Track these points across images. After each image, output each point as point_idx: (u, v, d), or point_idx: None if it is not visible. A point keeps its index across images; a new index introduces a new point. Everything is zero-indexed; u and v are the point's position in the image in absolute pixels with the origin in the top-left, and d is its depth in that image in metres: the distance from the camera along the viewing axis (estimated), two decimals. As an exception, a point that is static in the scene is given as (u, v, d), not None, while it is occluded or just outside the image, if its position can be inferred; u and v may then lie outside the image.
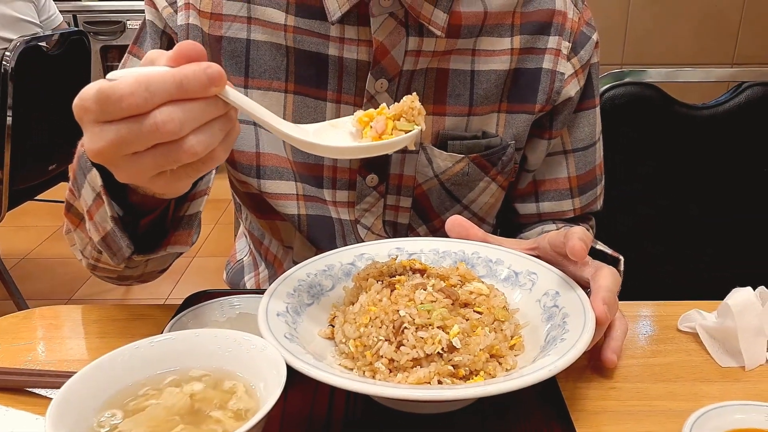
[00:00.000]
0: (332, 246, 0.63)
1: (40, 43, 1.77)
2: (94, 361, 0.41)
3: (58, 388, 0.38)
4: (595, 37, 0.71)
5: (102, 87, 0.37)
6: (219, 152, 0.40)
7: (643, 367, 0.52)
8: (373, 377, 0.43)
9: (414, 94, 0.48)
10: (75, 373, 0.39)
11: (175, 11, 0.64)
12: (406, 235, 0.70)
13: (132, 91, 0.36)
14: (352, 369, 0.45)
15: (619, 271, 0.60)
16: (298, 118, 0.65)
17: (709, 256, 1.04)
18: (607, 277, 0.49)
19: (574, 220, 0.77)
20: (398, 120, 0.47)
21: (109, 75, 0.38)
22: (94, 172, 0.47)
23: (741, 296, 0.53)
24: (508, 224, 0.79)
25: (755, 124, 1.06)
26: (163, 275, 0.65)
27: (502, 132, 0.69)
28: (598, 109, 0.74)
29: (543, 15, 0.68)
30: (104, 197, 0.47)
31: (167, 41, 0.65)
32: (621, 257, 0.61)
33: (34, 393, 0.49)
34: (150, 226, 0.52)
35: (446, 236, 0.58)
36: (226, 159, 0.46)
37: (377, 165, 0.67)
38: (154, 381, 0.42)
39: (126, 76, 0.37)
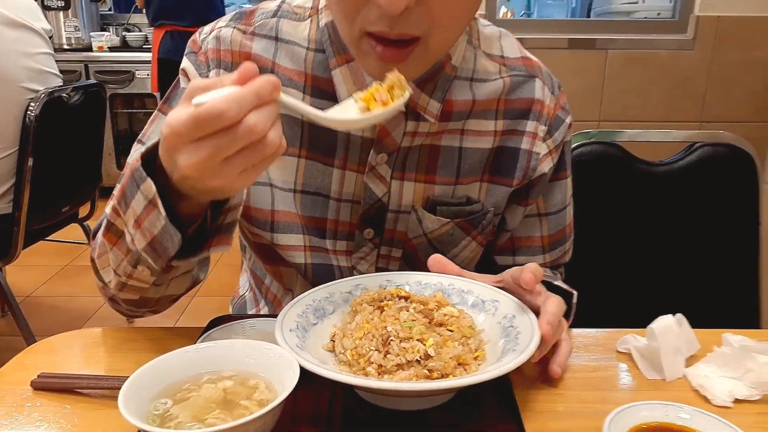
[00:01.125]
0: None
1: (62, 94, 1.92)
2: (150, 362, 0.53)
3: (109, 389, 0.50)
4: (568, 119, 0.81)
5: (197, 111, 0.46)
6: (283, 143, 0.51)
7: (585, 378, 0.64)
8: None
9: (395, 70, 0.57)
10: (123, 377, 0.51)
11: None
12: None
13: (228, 107, 0.46)
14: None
15: (573, 303, 0.72)
16: (308, 179, 0.75)
17: (655, 294, 1.17)
18: (553, 304, 0.61)
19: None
20: (392, 90, 0.57)
21: (194, 101, 0.47)
22: (149, 181, 0.54)
23: (663, 321, 0.65)
24: (486, 271, 0.91)
25: (704, 178, 1.20)
26: (164, 313, 0.74)
27: (483, 199, 0.79)
28: (569, 179, 0.85)
29: (524, 103, 0.77)
30: (158, 200, 0.54)
31: None
32: (574, 292, 0.73)
33: (85, 393, 0.60)
34: (192, 234, 0.60)
35: (428, 271, 0.70)
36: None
37: (374, 222, 0.77)
38: (194, 379, 0.54)
39: (215, 98, 0.46)
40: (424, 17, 0.59)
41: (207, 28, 0.77)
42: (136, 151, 0.72)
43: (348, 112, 0.56)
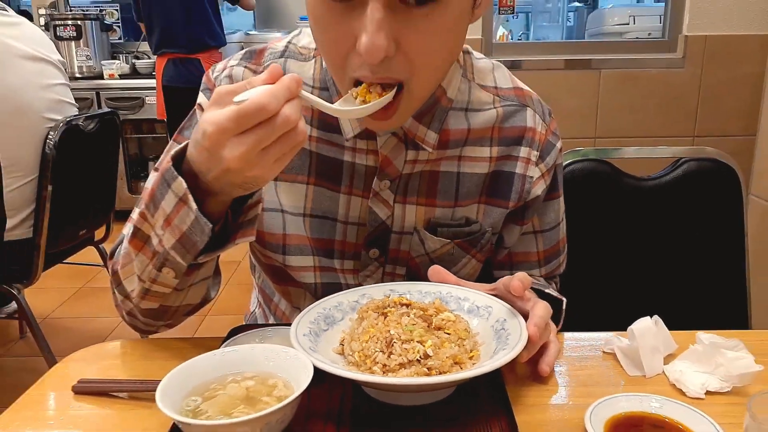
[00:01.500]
0: None
1: (79, 123, 2.01)
2: (180, 365, 0.60)
3: (143, 391, 0.57)
4: (558, 144, 0.86)
5: (241, 107, 0.53)
6: (306, 132, 0.57)
7: (572, 376, 0.71)
8: (372, 376, 0.61)
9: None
10: (155, 381, 0.58)
11: None
12: None
13: (269, 101, 0.53)
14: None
15: (562, 309, 0.79)
16: (316, 204, 0.81)
17: (647, 300, 1.23)
18: (540, 309, 0.68)
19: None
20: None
21: (235, 99, 0.54)
22: (180, 179, 0.59)
23: (642, 323, 0.72)
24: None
25: (690, 192, 1.27)
26: (180, 330, 0.80)
27: (482, 220, 0.84)
28: (561, 198, 0.91)
29: (516, 131, 0.82)
30: (189, 196, 0.60)
31: None
32: (563, 299, 0.80)
33: (121, 397, 0.67)
34: (218, 232, 0.65)
35: (429, 281, 0.77)
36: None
37: (379, 242, 0.83)
38: (220, 379, 0.61)
39: (255, 94, 0.53)
40: (403, 64, 0.63)
41: (220, 65, 0.83)
42: (152, 177, 0.77)
43: (349, 104, 0.64)
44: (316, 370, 0.58)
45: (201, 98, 0.83)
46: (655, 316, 0.73)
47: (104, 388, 0.68)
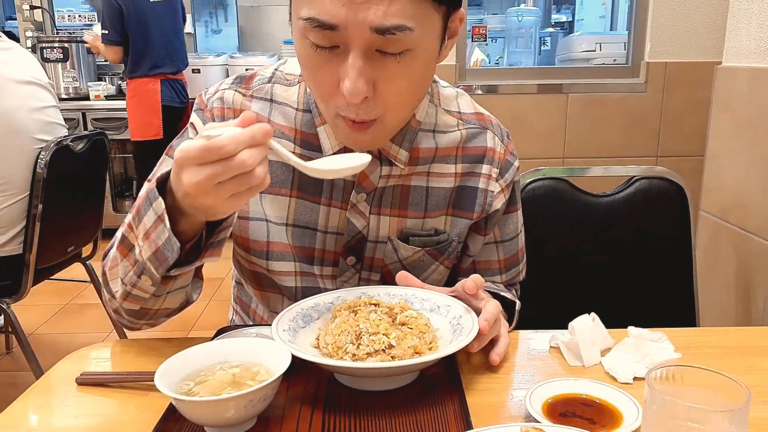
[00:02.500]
0: None
1: (69, 143, 2.08)
2: (175, 354, 0.68)
3: (140, 381, 0.65)
4: (516, 163, 0.95)
5: (206, 143, 0.60)
6: (267, 180, 0.64)
7: (520, 366, 0.80)
8: (343, 364, 0.70)
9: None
10: (150, 372, 0.66)
11: None
12: None
13: (227, 143, 0.60)
14: (330, 361, 0.72)
15: (516, 311, 0.90)
16: (298, 215, 0.88)
17: (604, 305, 1.33)
18: (491, 306, 0.78)
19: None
20: None
21: (204, 133, 0.61)
22: (160, 199, 0.68)
23: (581, 319, 0.82)
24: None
25: (642, 207, 1.38)
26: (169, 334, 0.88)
27: (449, 230, 0.92)
28: (520, 211, 1.00)
29: (478, 150, 0.92)
30: (165, 216, 0.68)
31: None
32: (516, 301, 0.90)
33: (120, 387, 0.75)
34: (189, 250, 0.73)
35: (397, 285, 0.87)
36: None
37: (356, 250, 0.90)
38: (210, 368, 0.69)
39: (222, 134, 0.60)
40: (380, 104, 0.73)
41: (212, 89, 0.92)
42: (145, 188, 0.86)
43: (324, 165, 0.71)
44: (295, 360, 0.67)
45: (193, 117, 0.91)
46: (593, 314, 0.83)
47: (105, 380, 0.76)
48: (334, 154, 0.87)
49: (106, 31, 3.45)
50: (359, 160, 0.70)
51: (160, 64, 3.48)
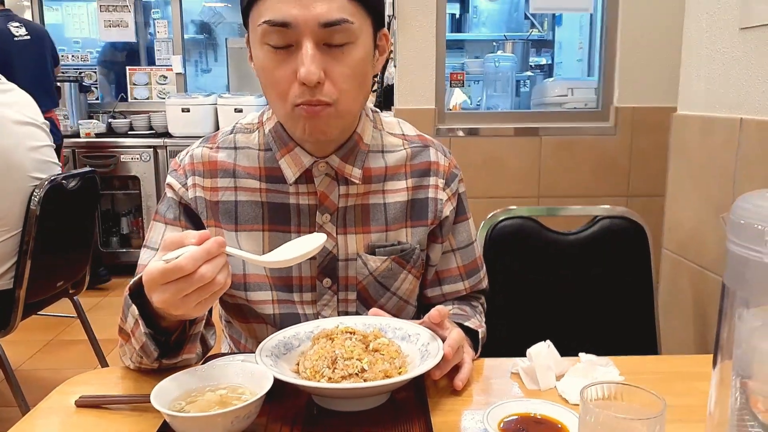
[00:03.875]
0: None
1: (62, 181, 2.16)
2: (171, 376, 0.76)
3: (135, 403, 0.73)
4: (459, 174, 1.07)
5: (166, 267, 0.70)
6: (228, 282, 0.75)
7: (483, 390, 0.88)
8: (320, 386, 0.78)
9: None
10: (145, 395, 0.73)
11: (186, 189, 0.98)
12: None
13: (186, 264, 0.70)
14: (308, 384, 0.80)
15: (481, 338, 0.98)
16: (272, 247, 0.90)
17: (571, 336, 1.41)
18: (454, 334, 0.86)
19: (468, 297, 1.13)
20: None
21: (164, 257, 0.71)
22: (134, 307, 0.80)
23: (537, 346, 0.90)
24: (423, 307, 1.14)
25: (604, 245, 1.48)
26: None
27: (410, 240, 1.02)
28: (470, 221, 1.10)
29: (424, 165, 1.04)
30: (140, 321, 0.80)
31: (183, 208, 0.99)
32: (479, 330, 1.00)
33: (117, 408, 0.82)
34: (175, 341, 0.87)
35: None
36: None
37: (329, 271, 0.99)
38: (199, 389, 0.77)
39: (181, 257, 0.70)
40: (332, 88, 0.85)
41: (183, 153, 1.04)
42: (144, 254, 0.98)
43: (281, 255, 0.82)
44: (277, 383, 0.75)
45: (169, 179, 1.01)
46: (547, 341, 0.91)
47: (102, 401, 0.83)
48: (296, 182, 0.97)
49: None
50: (314, 242, 0.83)
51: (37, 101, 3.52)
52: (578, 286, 1.47)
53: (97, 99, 4.76)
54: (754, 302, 0.60)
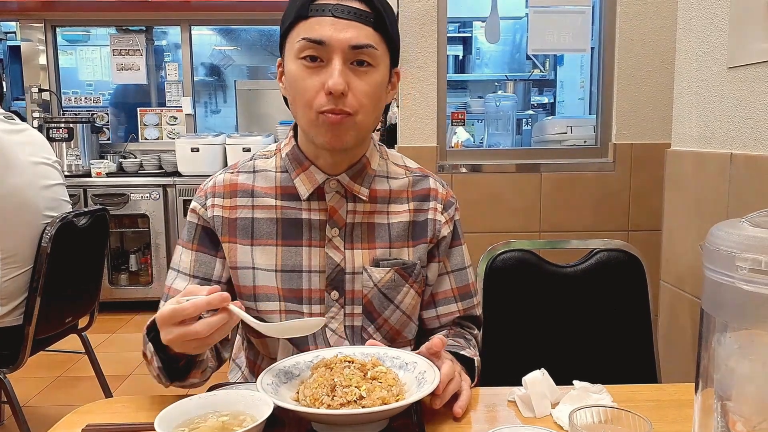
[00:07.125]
0: (307, 344, 1.04)
1: (73, 219, 2.21)
2: (174, 403, 0.78)
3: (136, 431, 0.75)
4: (456, 203, 1.15)
5: (175, 307, 0.80)
6: (220, 336, 0.83)
7: (481, 417, 0.90)
8: (319, 413, 0.81)
9: None
10: (150, 423, 0.76)
11: (206, 209, 1.07)
12: (360, 335, 1.08)
13: (189, 307, 0.80)
14: (308, 411, 0.82)
15: (476, 367, 1.01)
16: (285, 261, 1.04)
17: (565, 366, 1.42)
18: (446, 365, 0.89)
19: (462, 320, 1.17)
20: None
21: (176, 298, 0.82)
22: (150, 344, 0.90)
23: (532, 374, 0.92)
24: (420, 332, 1.18)
25: (602, 278, 1.51)
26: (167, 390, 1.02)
27: (412, 257, 1.09)
28: (464, 246, 1.17)
29: (424, 191, 1.13)
30: (155, 356, 0.90)
31: (200, 229, 1.07)
32: (474, 359, 1.03)
33: (124, 437, 0.84)
34: (185, 365, 0.94)
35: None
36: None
37: (336, 283, 1.06)
38: (202, 416, 0.79)
39: (189, 302, 0.80)
40: (354, 100, 0.96)
41: (208, 179, 1.12)
42: (169, 274, 1.08)
43: (280, 326, 0.92)
44: (277, 411, 0.77)
45: (193, 203, 1.10)
46: (542, 369, 0.93)
47: (108, 430, 0.85)
48: (309, 199, 1.06)
49: None
50: (311, 326, 0.92)
51: None
52: (576, 317, 1.48)
53: (108, 139, 4.88)
54: (731, 327, 0.63)
